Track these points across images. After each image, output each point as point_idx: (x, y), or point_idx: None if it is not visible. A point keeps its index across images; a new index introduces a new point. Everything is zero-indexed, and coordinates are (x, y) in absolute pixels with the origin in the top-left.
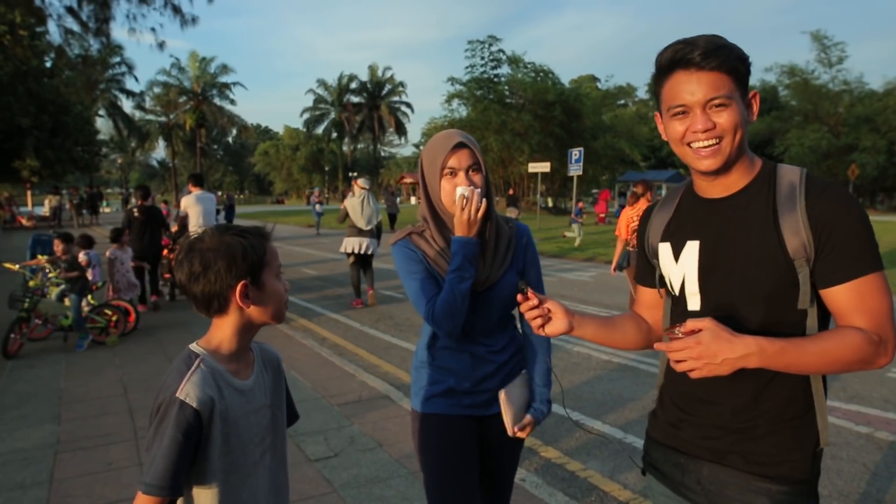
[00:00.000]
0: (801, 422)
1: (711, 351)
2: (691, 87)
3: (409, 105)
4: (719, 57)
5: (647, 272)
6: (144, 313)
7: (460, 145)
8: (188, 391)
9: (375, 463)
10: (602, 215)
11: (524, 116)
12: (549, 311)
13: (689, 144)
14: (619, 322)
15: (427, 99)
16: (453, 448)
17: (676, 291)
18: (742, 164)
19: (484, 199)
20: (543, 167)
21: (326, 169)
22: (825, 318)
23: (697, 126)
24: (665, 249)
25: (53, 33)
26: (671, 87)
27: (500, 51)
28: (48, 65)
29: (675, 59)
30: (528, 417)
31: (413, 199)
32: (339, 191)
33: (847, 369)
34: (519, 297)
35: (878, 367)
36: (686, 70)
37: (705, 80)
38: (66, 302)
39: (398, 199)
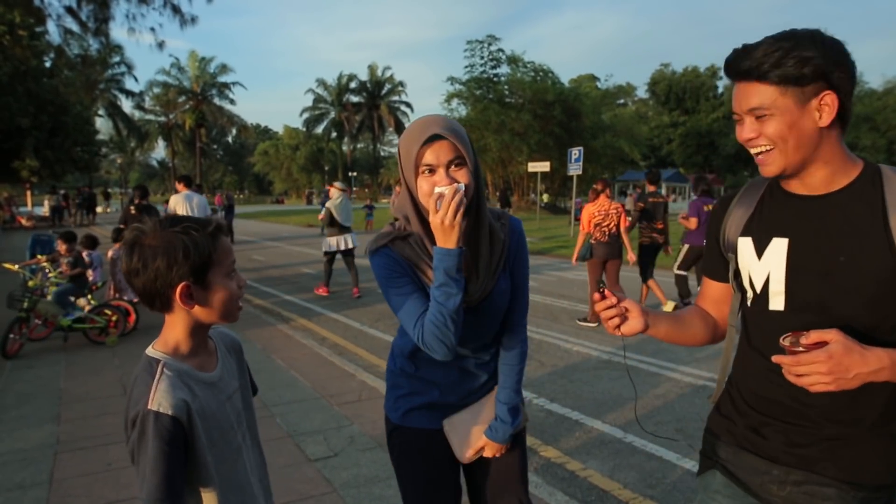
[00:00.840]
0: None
1: (844, 366)
2: (738, 97)
3: (408, 104)
4: (760, 67)
5: (719, 266)
6: (143, 312)
7: (436, 137)
8: (159, 401)
9: (375, 462)
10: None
11: (523, 116)
12: (627, 309)
13: (750, 149)
14: (688, 319)
15: (427, 98)
16: (434, 466)
17: (758, 289)
18: (830, 165)
19: (462, 201)
20: (543, 167)
21: (326, 169)
22: None
23: (745, 135)
24: (746, 244)
25: (53, 33)
26: (732, 93)
27: (500, 50)
28: (47, 65)
29: (726, 68)
30: (481, 439)
31: None
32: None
33: None
34: (596, 295)
35: None
36: (734, 80)
37: (746, 91)
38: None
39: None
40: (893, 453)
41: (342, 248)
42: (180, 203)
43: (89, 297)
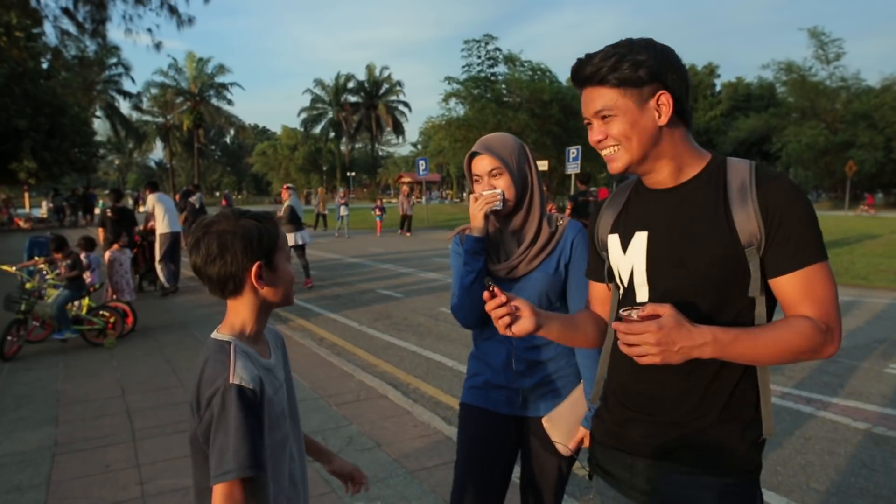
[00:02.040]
0: (747, 414)
1: (671, 338)
2: (585, 102)
3: (406, 104)
4: (599, 72)
5: (597, 267)
6: (142, 313)
7: (476, 154)
8: (241, 375)
9: (374, 462)
10: (602, 198)
11: (521, 115)
12: (518, 308)
13: (600, 151)
14: (580, 320)
15: (424, 98)
16: (483, 444)
17: (626, 283)
18: (674, 160)
19: (492, 202)
20: (542, 165)
21: (324, 169)
22: (771, 308)
23: (594, 137)
24: (614, 241)
25: (49, 35)
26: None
27: (497, 49)
28: (45, 66)
29: (572, 77)
30: (580, 431)
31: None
32: (338, 191)
33: (796, 359)
34: (485, 294)
35: (826, 357)
36: (580, 88)
37: (591, 96)
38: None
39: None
40: (742, 441)
41: (299, 243)
42: (157, 202)
43: (86, 299)
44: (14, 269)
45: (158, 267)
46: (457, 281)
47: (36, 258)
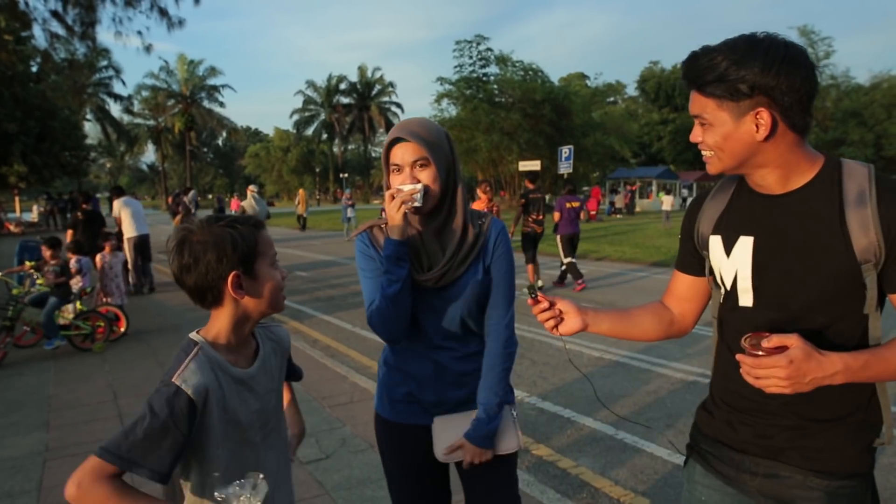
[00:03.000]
0: (859, 417)
1: (802, 371)
2: (690, 101)
3: (399, 105)
4: (700, 79)
5: (693, 261)
6: (134, 317)
7: (399, 140)
8: (185, 377)
9: (367, 464)
10: (593, 212)
11: (513, 115)
12: (561, 311)
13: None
14: (637, 314)
15: (417, 99)
16: (417, 464)
17: (728, 286)
18: (781, 168)
19: (410, 200)
20: (534, 165)
21: (317, 170)
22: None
23: (692, 137)
24: (716, 242)
25: (39, 37)
26: None
27: (489, 50)
28: (34, 69)
29: (682, 73)
30: (459, 439)
31: None
32: (331, 192)
33: None
34: (529, 301)
35: None
36: (688, 87)
37: (692, 98)
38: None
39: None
40: (856, 442)
41: None
42: (123, 206)
43: (77, 303)
44: (0, 274)
45: (130, 271)
46: (371, 288)
47: (26, 263)
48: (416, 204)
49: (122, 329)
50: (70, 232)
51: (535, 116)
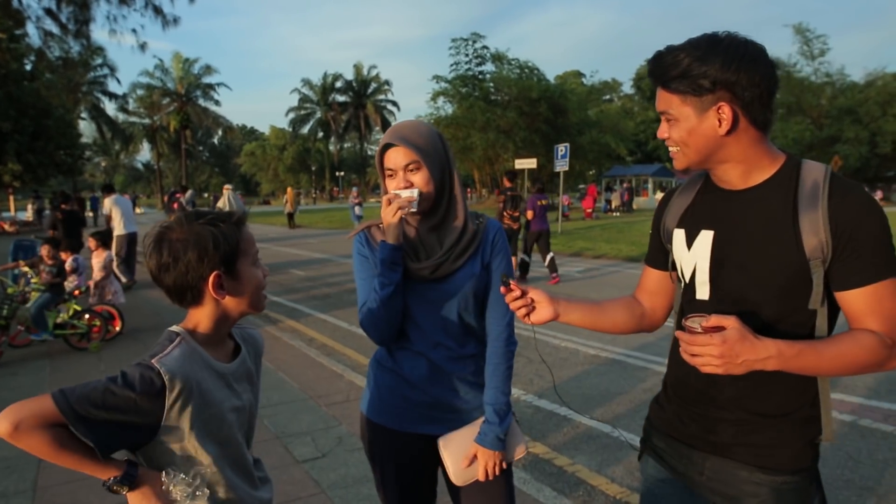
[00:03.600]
0: (804, 414)
1: (735, 351)
2: (656, 98)
3: (395, 103)
4: (664, 76)
5: (659, 255)
6: (130, 316)
7: (390, 145)
8: (165, 362)
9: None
10: (589, 210)
11: (509, 113)
12: (533, 300)
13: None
14: (609, 307)
15: (413, 97)
16: (407, 469)
17: (687, 279)
18: (743, 164)
19: (407, 205)
20: (530, 163)
21: (313, 169)
22: (833, 318)
23: (659, 134)
24: (679, 236)
25: (33, 35)
26: None
27: (485, 48)
28: (28, 68)
29: (649, 73)
30: (472, 447)
31: None
32: (327, 190)
33: (860, 371)
34: (502, 289)
35: (890, 370)
36: (654, 84)
37: (658, 95)
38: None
39: None
40: (800, 438)
41: None
42: (113, 205)
43: (73, 304)
44: None
45: (116, 268)
46: (364, 290)
47: (20, 262)
48: (412, 210)
49: (118, 328)
50: (51, 232)
51: (531, 114)
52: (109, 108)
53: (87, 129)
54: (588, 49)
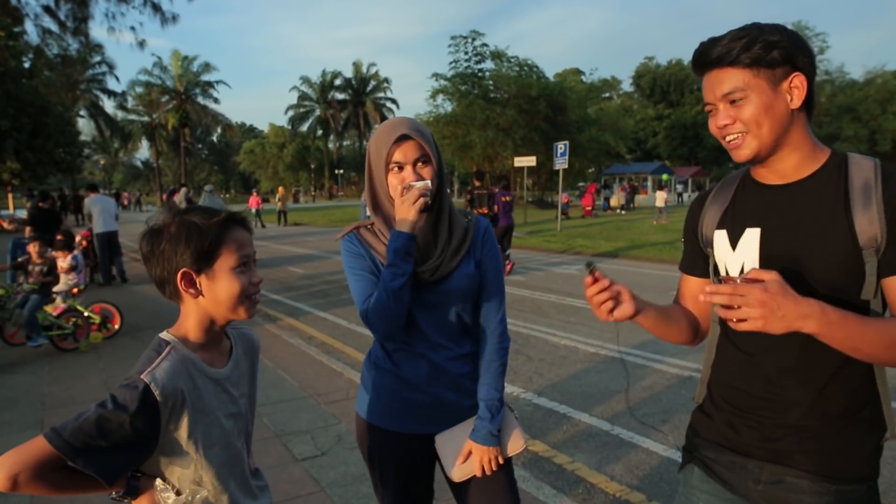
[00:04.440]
0: (866, 416)
1: (776, 302)
2: (708, 84)
3: (394, 101)
4: (731, 53)
5: (697, 260)
6: (129, 314)
7: (405, 137)
8: (155, 376)
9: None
10: (588, 208)
11: (508, 111)
12: (619, 293)
13: (723, 138)
14: (676, 314)
15: (412, 95)
16: (406, 470)
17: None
18: (799, 151)
19: (426, 194)
20: (529, 161)
21: (312, 166)
22: (884, 312)
23: (719, 122)
24: (721, 237)
25: (31, 33)
26: (703, 87)
27: (484, 45)
28: (26, 65)
29: (695, 61)
30: (467, 444)
31: None
32: (326, 188)
33: (888, 360)
34: (587, 279)
35: None
36: (703, 70)
37: (717, 78)
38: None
39: None
40: (864, 444)
41: None
42: (92, 204)
43: (70, 301)
44: None
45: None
46: (362, 286)
47: (17, 260)
48: (429, 200)
49: (117, 326)
50: (28, 228)
51: (531, 112)
52: (108, 105)
53: (85, 126)
54: (587, 47)
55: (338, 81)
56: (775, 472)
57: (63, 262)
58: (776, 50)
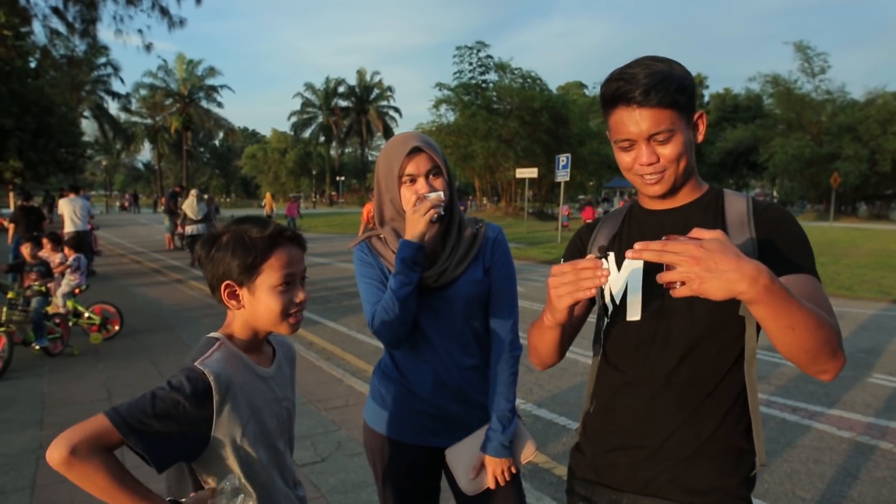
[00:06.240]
0: (739, 443)
1: (714, 259)
2: (633, 122)
3: (397, 109)
4: (659, 93)
5: None
6: (129, 316)
7: (417, 150)
8: (208, 364)
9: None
10: (589, 221)
11: (511, 123)
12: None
13: (640, 175)
14: (567, 333)
15: (415, 104)
16: (411, 480)
17: (617, 301)
18: (690, 184)
19: (439, 205)
20: (531, 173)
21: (314, 173)
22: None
23: (643, 160)
24: (609, 259)
25: (38, 34)
26: (616, 120)
27: (489, 57)
28: (32, 65)
29: (616, 96)
30: (478, 457)
31: None
32: (327, 195)
33: (818, 346)
34: (594, 260)
35: (838, 364)
36: (628, 106)
37: (647, 116)
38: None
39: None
40: (736, 473)
41: (194, 233)
42: (65, 204)
43: (69, 302)
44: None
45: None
46: (371, 293)
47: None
48: (442, 210)
49: (117, 328)
50: (12, 226)
51: (533, 124)
52: (112, 107)
53: (89, 127)
54: (590, 60)
55: (341, 88)
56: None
57: (55, 260)
58: (689, 90)
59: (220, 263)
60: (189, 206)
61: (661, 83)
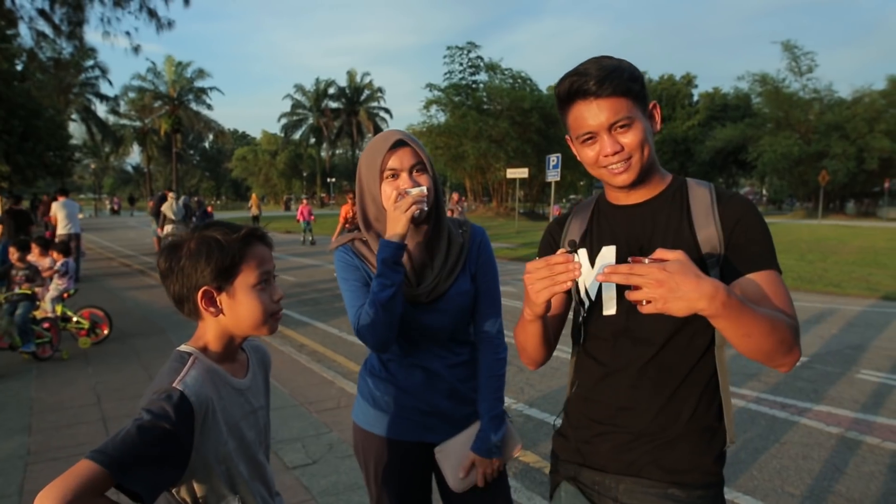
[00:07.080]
0: (712, 424)
1: (676, 281)
2: (592, 114)
3: (387, 111)
4: (613, 82)
5: None
6: (119, 320)
7: (400, 143)
8: (186, 383)
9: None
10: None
11: (501, 123)
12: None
13: (605, 166)
14: (549, 333)
15: (405, 105)
16: (404, 478)
17: (593, 296)
18: (654, 176)
19: (422, 201)
20: (522, 173)
21: (305, 174)
22: None
23: (607, 150)
24: (582, 254)
25: (25, 36)
26: (575, 116)
27: (479, 57)
28: (19, 68)
29: (572, 91)
30: (469, 456)
31: None
32: (317, 196)
33: (776, 348)
34: (565, 255)
35: (792, 360)
36: (585, 100)
37: (605, 107)
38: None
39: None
40: (709, 451)
41: (169, 233)
42: (59, 208)
43: (58, 307)
44: None
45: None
46: (354, 296)
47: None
48: (425, 207)
49: (106, 332)
50: (0, 228)
51: (523, 124)
52: (100, 109)
53: (77, 130)
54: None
55: (331, 90)
56: (630, 485)
57: (43, 264)
58: (640, 80)
59: (191, 272)
60: (168, 207)
61: (612, 73)
